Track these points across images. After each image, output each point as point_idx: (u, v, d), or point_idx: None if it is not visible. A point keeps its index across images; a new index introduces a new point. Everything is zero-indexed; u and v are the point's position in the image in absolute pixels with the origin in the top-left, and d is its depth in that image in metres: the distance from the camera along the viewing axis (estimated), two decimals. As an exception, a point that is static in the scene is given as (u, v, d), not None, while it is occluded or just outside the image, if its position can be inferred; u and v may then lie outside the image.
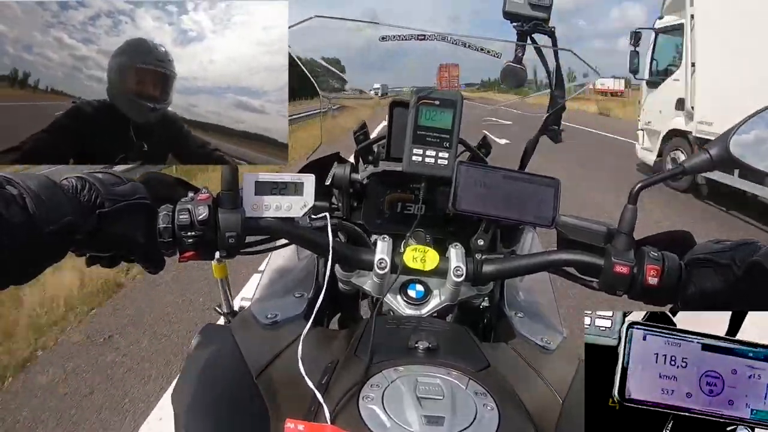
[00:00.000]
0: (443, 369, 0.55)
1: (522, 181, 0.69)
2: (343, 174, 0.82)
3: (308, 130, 6.32)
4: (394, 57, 0.76)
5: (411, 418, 0.47)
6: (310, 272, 0.89)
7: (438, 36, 0.72)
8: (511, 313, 0.83)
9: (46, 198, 0.49)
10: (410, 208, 0.83)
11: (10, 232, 0.46)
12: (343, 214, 0.86)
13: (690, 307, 0.61)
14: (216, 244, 0.62)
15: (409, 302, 0.76)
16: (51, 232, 0.49)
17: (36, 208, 0.48)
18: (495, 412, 0.50)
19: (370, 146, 0.90)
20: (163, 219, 0.60)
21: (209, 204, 0.61)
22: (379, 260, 0.70)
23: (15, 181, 0.49)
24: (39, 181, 0.51)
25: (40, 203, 0.49)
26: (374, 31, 0.72)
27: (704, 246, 0.64)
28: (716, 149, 0.61)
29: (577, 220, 0.70)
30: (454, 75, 0.95)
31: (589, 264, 0.66)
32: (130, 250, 0.60)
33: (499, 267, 0.72)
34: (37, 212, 0.48)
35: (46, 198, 0.49)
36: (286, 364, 0.61)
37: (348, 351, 0.61)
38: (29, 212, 0.48)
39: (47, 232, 0.49)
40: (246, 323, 0.75)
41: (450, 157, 0.73)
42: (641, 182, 0.63)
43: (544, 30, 0.76)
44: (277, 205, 0.65)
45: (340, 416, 0.48)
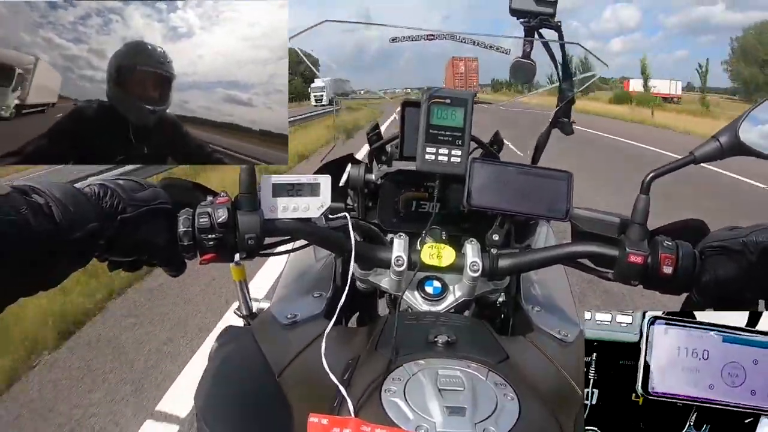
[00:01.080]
0: (463, 361, 0.56)
1: (535, 176, 0.70)
2: (357, 174, 0.83)
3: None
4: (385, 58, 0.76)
5: (433, 409, 0.48)
6: (328, 272, 0.90)
7: (447, 35, 0.73)
8: (528, 307, 0.84)
9: (71, 205, 0.51)
10: (425, 206, 0.84)
11: (37, 239, 0.48)
12: (358, 214, 0.87)
13: (705, 295, 0.61)
14: (236, 246, 0.63)
15: (427, 298, 0.77)
16: (76, 239, 0.51)
17: (62, 216, 0.50)
18: (515, 402, 0.50)
19: (384, 146, 0.91)
20: (183, 223, 0.61)
21: (228, 207, 0.62)
22: (396, 258, 0.71)
23: (40, 189, 0.50)
24: (63, 189, 0.52)
25: (66, 211, 0.50)
26: (367, 31, 0.73)
27: (718, 233, 0.64)
28: (726, 137, 0.61)
29: (591, 212, 0.70)
30: (472, 68, 0.94)
31: (603, 255, 0.67)
32: (152, 254, 0.61)
33: (514, 261, 0.72)
34: (63, 220, 0.50)
35: (71, 205, 0.51)
36: (308, 362, 0.62)
37: (369, 347, 0.62)
38: (55, 220, 0.49)
39: (72, 239, 0.50)
40: (266, 324, 0.76)
41: (463, 155, 0.74)
42: (653, 171, 0.63)
43: (550, 25, 0.76)
44: (294, 206, 0.66)
45: (363, 409, 0.49)
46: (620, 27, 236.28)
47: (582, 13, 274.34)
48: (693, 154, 0.63)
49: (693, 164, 0.63)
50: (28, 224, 0.47)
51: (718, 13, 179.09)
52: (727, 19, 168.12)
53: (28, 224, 0.47)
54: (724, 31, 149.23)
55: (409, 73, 1.00)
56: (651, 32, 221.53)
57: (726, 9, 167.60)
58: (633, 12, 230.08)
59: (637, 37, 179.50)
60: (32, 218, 0.47)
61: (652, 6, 37.79)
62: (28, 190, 0.50)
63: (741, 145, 0.60)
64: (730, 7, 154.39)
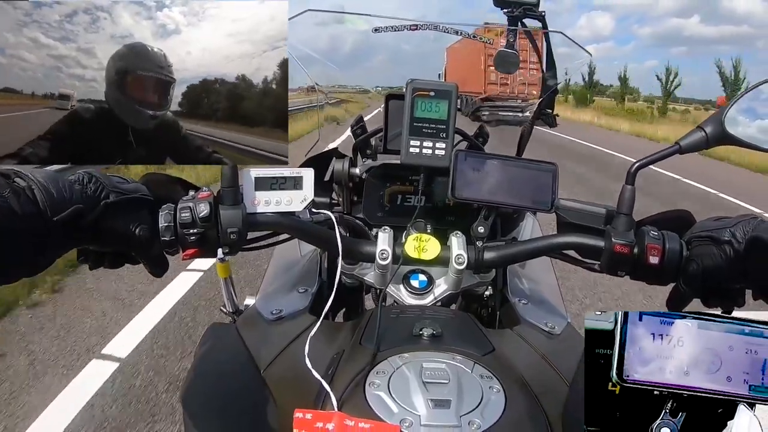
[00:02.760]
0: (448, 354, 0.55)
1: (520, 167, 0.69)
2: (342, 169, 0.82)
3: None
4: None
5: (417, 402, 0.47)
6: (313, 267, 0.90)
7: (430, 25, 0.72)
8: (515, 300, 0.84)
9: (54, 189, 0.51)
10: (410, 199, 0.84)
11: (21, 223, 0.47)
12: (343, 209, 0.86)
13: (692, 285, 0.61)
14: (218, 241, 0.63)
15: (413, 292, 0.77)
16: (59, 221, 0.50)
17: (45, 199, 0.49)
18: (501, 394, 0.50)
19: (368, 140, 0.90)
20: (164, 218, 0.60)
21: (210, 201, 0.61)
22: (380, 251, 0.71)
23: (23, 173, 0.50)
24: (47, 174, 0.52)
25: (49, 194, 0.50)
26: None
27: (704, 224, 0.64)
28: (711, 126, 0.61)
29: (577, 203, 0.70)
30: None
31: (589, 246, 0.66)
32: (134, 246, 0.61)
33: (500, 253, 0.72)
34: (46, 202, 0.49)
35: (54, 189, 0.51)
36: (293, 358, 0.61)
37: (353, 341, 0.61)
38: (38, 203, 0.49)
39: (56, 221, 0.50)
40: (251, 320, 0.75)
41: (447, 147, 0.73)
42: (638, 162, 0.63)
43: (534, 15, 0.76)
44: (277, 199, 0.65)
45: (347, 403, 0.49)
46: (594, 35, 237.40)
47: (557, 21, 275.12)
48: (678, 144, 0.62)
49: (679, 154, 0.63)
50: (10, 208, 0.47)
51: (691, 26, 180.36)
52: (700, 32, 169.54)
53: (10, 208, 0.47)
54: (697, 44, 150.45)
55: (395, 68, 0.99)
56: (624, 41, 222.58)
57: (700, 22, 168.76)
58: (607, 20, 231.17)
59: (610, 45, 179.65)
60: (15, 202, 0.47)
61: (627, 14, 37.94)
62: (10, 174, 0.49)
63: (726, 135, 0.60)
64: (704, 20, 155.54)
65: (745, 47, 63.77)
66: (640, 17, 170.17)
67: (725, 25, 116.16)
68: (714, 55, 47.13)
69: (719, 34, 78.75)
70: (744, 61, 31.16)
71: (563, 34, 0.78)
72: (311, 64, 0.78)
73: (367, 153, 0.91)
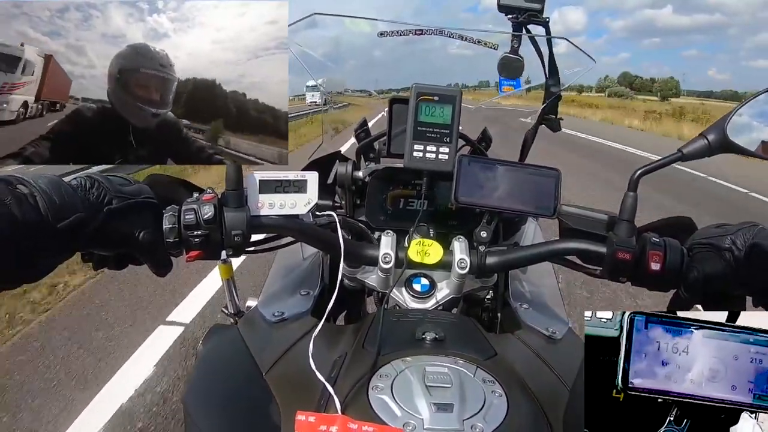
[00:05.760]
0: (451, 358, 0.56)
1: (523, 173, 0.70)
2: (345, 172, 0.82)
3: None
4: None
5: (420, 405, 0.47)
6: (315, 270, 0.90)
7: (435, 30, 0.72)
8: (516, 305, 0.84)
9: (56, 196, 0.50)
10: (413, 203, 0.84)
11: (22, 230, 0.47)
12: (346, 212, 0.86)
13: (693, 292, 0.61)
14: (222, 243, 0.63)
15: (415, 296, 0.77)
16: (62, 228, 0.50)
17: (47, 206, 0.49)
18: (503, 398, 0.50)
19: (371, 144, 0.90)
20: (168, 219, 0.60)
21: (214, 203, 0.61)
22: (383, 255, 0.71)
23: (26, 180, 0.50)
24: (49, 180, 0.51)
25: (51, 201, 0.50)
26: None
27: (705, 231, 0.64)
28: (713, 134, 0.61)
29: (579, 209, 0.70)
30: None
31: (591, 252, 0.67)
32: (137, 249, 0.61)
33: (502, 258, 0.72)
34: (48, 210, 0.49)
35: (56, 196, 0.50)
36: (295, 360, 0.61)
37: (356, 344, 0.61)
38: (40, 210, 0.49)
39: (58, 228, 0.50)
40: (253, 322, 0.75)
41: (451, 152, 0.73)
42: (640, 169, 0.63)
43: (538, 21, 0.77)
44: (281, 202, 0.66)
45: (350, 406, 0.49)
46: (567, 30, 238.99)
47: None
48: (681, 151, 0.63)
49: (681, 161, 0.63)
50: (12, 215, 0.46)
51: (665, 16, 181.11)
52: (673, 23, 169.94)
53: (12, 215, 0.46)
54: (670, 34, 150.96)
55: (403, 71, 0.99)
56: (595, 35, 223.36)
57: (674, 12, 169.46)
58: (580, 15, 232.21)
59: (582, 41, 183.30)
60: (17, 208, 0.47)
61: (599, 8, 37.93)
62: (12, 180, 0.49)
63: (728, 143, 0.61)
64: (678, 10, 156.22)
65: (717, 36, 62.10)
66: (612, 11, 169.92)
67: (698, 14, 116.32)
68: (687, 45, 47.62)
69: (693, 24, 79.02)
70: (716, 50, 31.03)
71: (567, 40, 0.78)
72: (312, 68, 0.78)
73: (371, 156, 0.91)
